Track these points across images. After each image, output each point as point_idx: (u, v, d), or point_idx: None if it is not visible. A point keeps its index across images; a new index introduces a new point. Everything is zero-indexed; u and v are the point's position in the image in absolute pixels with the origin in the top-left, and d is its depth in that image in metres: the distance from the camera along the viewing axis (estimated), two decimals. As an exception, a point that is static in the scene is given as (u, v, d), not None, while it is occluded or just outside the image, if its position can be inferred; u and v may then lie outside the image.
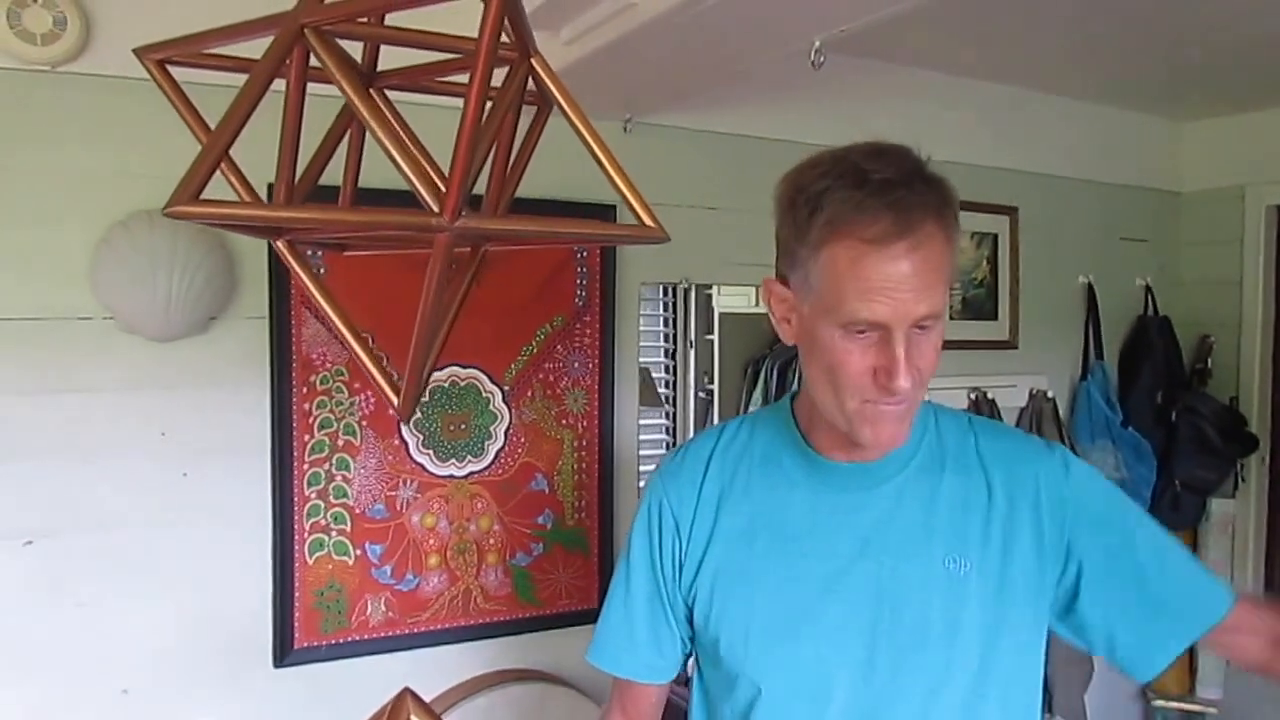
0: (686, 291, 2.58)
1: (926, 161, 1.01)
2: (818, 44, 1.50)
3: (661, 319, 2.65)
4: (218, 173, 0.74)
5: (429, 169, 0.81)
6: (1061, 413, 2.83)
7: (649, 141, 2.18)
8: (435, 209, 0.60)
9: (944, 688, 1.05)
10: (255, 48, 0.67)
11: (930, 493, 1.10)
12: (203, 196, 0.59)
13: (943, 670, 1.05)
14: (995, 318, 2.76)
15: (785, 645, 1.10)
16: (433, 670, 2.00)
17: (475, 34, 0.61)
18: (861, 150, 1.00)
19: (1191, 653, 3.00)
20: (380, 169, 0.74)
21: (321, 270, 1.86)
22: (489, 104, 0.70)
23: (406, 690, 1.07)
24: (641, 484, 2.27)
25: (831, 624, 1.08)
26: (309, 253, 1.80)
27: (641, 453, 2.31)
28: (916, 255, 0.95)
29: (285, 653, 1.88)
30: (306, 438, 1.87)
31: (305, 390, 1.87)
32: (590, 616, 2.15)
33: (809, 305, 1.02)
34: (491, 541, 2.06)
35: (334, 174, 0.84)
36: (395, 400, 0.68)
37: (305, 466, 1.88)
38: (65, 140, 1.68)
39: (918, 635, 1.06)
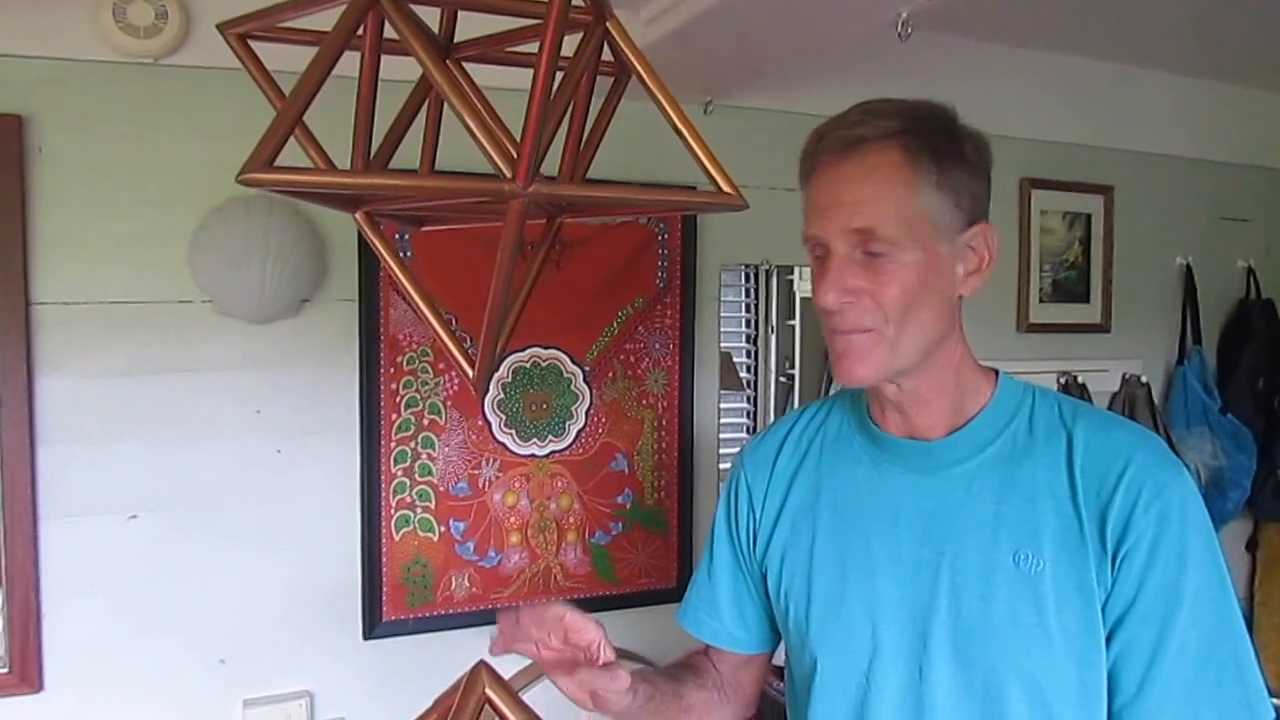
0: (768, 275, 2.56)
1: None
2: (904, 15, 1.47)
3: (743, 304, 2.64)
4: (302, 152, 0.75)
5: (502, 135, 0.81)
6: (1156, 398, 2.73)
7: (730, 123, 2.17)
8: (508, 174, 0.61)
9: (1003, 685, 1.00)
10: (336, 20, 0.68)
11: (1003, 482, 1.04)
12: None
13: (1001, 667, 1.00)
14: (1087, 300, 2.67)
15: (840, 622, 1.10)
16: (515, 647, 2.03)
17: (553, -1, 0.60)
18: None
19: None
20: (457, 149, 0.75)
21: (407, 254, 1.89)
22: (563, 73, 0.70)
23: (481, 663, 1.08)
24: (721, 465, 2.28)
25: (888, 607, 1.06)
26: (398, 235, 1.85)
27: (722, 435, 2.32)
28: (856, 170, 0.99)
29: (374, 625, 1.93)
30: (394, 416, 1.92)
31: (392, 370, 1.91)
32: (669, 595, 2.17)
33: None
34: (571, 520, 2.08)
35: (413, 157, 0.85)
36: (470, 371, 0.68)
37: (392, 444, 1.92)
38: (166, 130, 1.74)
39: (978, 628, 1.01)
